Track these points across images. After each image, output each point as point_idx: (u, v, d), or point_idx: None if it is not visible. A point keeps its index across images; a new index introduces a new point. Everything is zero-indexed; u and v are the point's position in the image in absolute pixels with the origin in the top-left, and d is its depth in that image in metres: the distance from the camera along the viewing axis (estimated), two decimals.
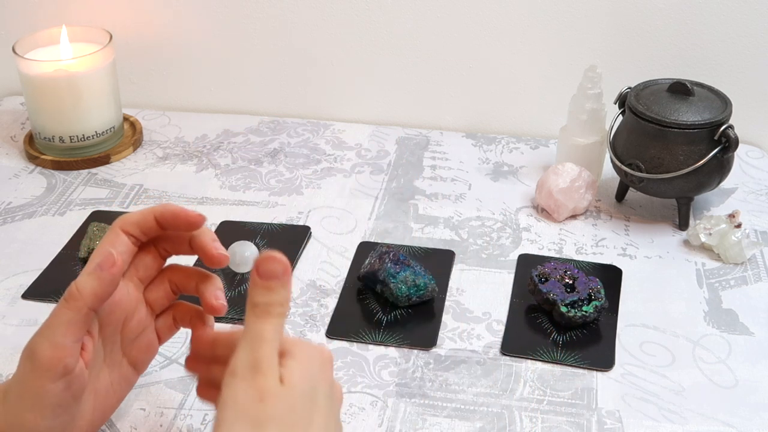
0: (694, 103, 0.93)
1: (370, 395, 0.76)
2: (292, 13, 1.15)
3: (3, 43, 1.18)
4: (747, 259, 0.92)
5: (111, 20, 1.17)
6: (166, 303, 0.68)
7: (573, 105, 1.02)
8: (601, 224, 0.98)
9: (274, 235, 0.96)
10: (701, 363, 0.80)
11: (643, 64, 1.11)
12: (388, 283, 0.84)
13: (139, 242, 0.64)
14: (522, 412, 0.74)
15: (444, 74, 1.17)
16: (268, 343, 0.54)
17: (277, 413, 0.52)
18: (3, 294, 0.87)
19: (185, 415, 0.74)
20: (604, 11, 1.09)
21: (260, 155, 1.11)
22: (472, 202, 1.02)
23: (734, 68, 1.10)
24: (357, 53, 1.17)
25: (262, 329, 0.54)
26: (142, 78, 1.22)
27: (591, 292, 0.82)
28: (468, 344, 0.81)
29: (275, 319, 0.55)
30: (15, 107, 1.22)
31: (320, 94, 1.21)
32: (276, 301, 0.55)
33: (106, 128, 1.10)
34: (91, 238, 0.90)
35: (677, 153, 0.92)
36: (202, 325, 0.67)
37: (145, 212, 0.63)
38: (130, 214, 0.63)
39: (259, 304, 0.55)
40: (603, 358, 0.79)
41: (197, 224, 0.63)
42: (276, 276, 0.55)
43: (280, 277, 0.55)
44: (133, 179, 1.06)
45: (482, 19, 1.12)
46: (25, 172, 1.08)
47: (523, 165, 1.10)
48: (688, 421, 0.74)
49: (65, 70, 1.06)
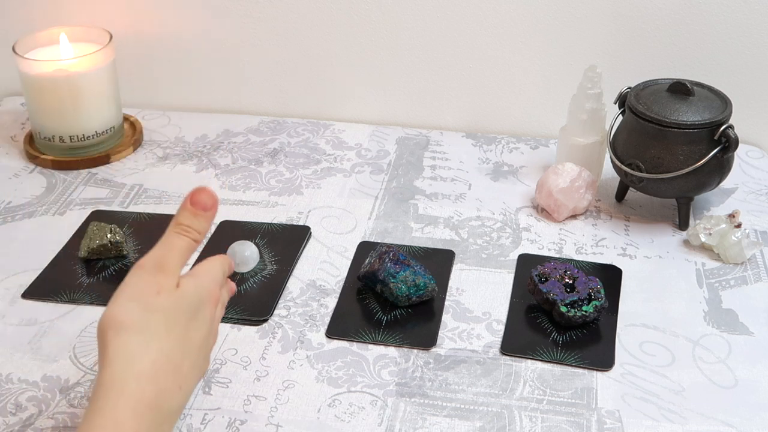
0: (694, 103, 0.93)
1: (370, 395, 0.76)
2: (292, 12, 1.15)
3: (3, 43, 1.18)
4: (747, 259, 0.92)
5: (111, 20, 1.17)
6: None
7: (573, 105, 1.02)
8: (601, 224, 0.98)
9: (274, 235, 0.96)
10: (701, 363, 0.80)
11: (643, 64, 1.11)
12: (388, 282, 0.84)
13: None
14: (522, 411, 0.74)
15: (444, 74, 1.17)
16: (176, 253, 0.64)
17: (165, 307, 0.62)
18: (3, 294, 0.87)
19: (185, 415, 0.74)
20: (604, 11, 1.09)
21: (260, 155, 1.11)
22: (472, 202, 1.02)
23: (734, 68, 1.10)
24: (357, 53, 1.17)
25: (175, 242, 0.64)
26: (142, 78, 1.22)
27: (591, 291, 0.82)
28: (468, 344, 0.81)
29: (189, 241, 0.65)
30: (15, 107, 1.22)
31: (320, 94, 1.21)
32: (196, 227, 0.65)
33: (106, 128, 1.10)
34: (91, 238, 0.90)
35: (677, 153, 0.92)
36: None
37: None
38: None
39: (182, 224, 0.65)
40: (603, 358, 0.79)
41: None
42: (205, 207, 0.65)
43: (207, 210, 0.66)
44: (133, 179, 1.06)
45: (482, 19, 1.12)
46: (25, 172, 1.08)
47: (523, 165, 1.10)
48: (688, 421, 0.74)
49: (65, 70, 1.06)
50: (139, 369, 0.59)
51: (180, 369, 0.62)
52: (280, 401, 0.75)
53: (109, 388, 0.58)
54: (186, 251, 0.65)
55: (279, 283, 0.88)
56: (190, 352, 0.63)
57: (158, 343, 0.61)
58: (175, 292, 0.63)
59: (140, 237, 0.95)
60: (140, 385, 0.59)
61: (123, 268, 0.90)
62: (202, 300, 0.65)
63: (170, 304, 0.62)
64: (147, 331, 0.60)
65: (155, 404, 0.59)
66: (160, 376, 0.60)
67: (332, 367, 0.79)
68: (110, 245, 0.91)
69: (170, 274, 0.63)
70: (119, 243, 0.91)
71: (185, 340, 0.63)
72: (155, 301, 0.61)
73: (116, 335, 0.60)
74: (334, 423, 0.73)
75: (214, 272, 0.68)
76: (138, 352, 0.60)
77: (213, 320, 0.67)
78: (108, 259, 0.92)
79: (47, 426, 0.73)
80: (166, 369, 0.60)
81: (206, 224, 0.66)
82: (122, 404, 0.58)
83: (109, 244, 0.90)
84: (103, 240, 0.90)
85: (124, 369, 0.59)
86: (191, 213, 0.65)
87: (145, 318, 0.61)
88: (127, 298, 0.62)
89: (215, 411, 0.74)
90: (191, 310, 0.64)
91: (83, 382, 0.77)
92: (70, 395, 0.76)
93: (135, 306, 0.61)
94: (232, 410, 0.74)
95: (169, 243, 0.64)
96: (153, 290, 0.62)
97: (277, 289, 0.88)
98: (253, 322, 0.84)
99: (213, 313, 0.66)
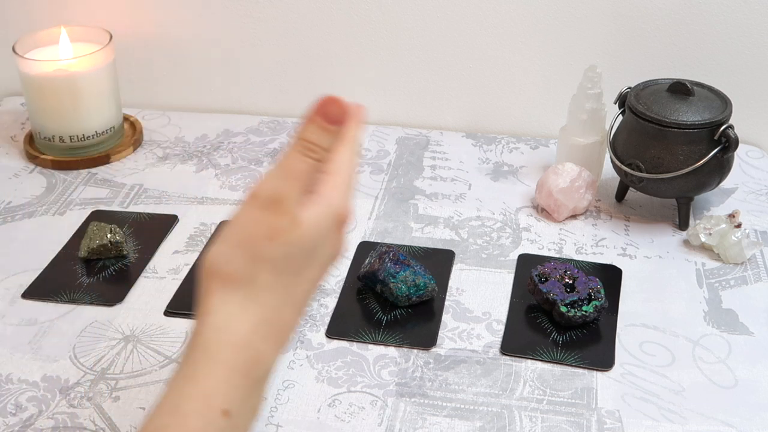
0: (694, 103, 0.93)
1: (370, 395, 0.76)
2: (292, 13, 1.15)
3: (3, 43, 1.18)
4: (747, 259, 0.92)
5: (111, 20, 1.17)
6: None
7: (573, 105, 1.02)
8: (601, 224, 0.98)
9: None
10: (701, 363, 0.80)
11: (643, 64, 1.11)
12: (388, 282, 0.84)
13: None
14: (522, 411, 0.74)
15: (444, 74, 1.17)
16: (296, 180, 0.54)
17: (275, 256, 0.53)
18: (3, 294, 0.87)
19: None
20: (604, 11, 1.09)
21: (260, 155, 1.11)
22: (472, 202, 1.02)
23: (734, 68, 1.10)
24: (357, 53, 1.17)
25: (297, 164, 0.54)
26: (142, 78, 1.22)
27: (591, 291, 0.82)
28: (468, 344, 0.81)
29: (312, 162, 0.54)
30: (15, 107, 1.22)
31: (320, 94, 1.20)
32: (323, 146, 0.55)
33: (106, 128, 1.10)
34: (91, 238, 0.90)
35: (677, 153, 0.92)
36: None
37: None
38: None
39: (305, 139, 0.54)
40: (603, 358, 0.79)
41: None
42: (335, 120, 0.55)
43: (338, 123, 0.55)
44: (133, 179, 1.06)
45: (482, 19, 1.12)
46: (25, 172, 1.08)
47: (523, 165, 1.10)
48: (688, 421, 0.74)
49: (65, 70, 1.06)
50: (237, 334, 0.53)
51: (282, 323, 0.55)
52: (280, 401, 0.75)
53: (201, 353, 0.52)
54: (307, 175, 0.54)
55: None
56: (296, 301, 0.55)
57: (262, 298, 0.53)
58: (291, 235, 0.53)
59: (140, 237, 0.95)
60: (236, 352, 0.52)
61: (123, 268, 0.90)
62: (323, 235, 0.55)
63: (282, 250, 0.53)
64: (251, 285, 0.53)
65: (251, 368, 0.53)
66: (260, 338, 0.53)
67: (332, 367, 0.79)
68: (110, 245, 0.91)
69: (285, 211, 0.53)
70: (119, 243, 0.91)
71: (293, 289, 0.55)
72: (265, 249, 0.53)
73: (218, 288, 0.53)
74: (334, 423, 0.73)
75: (342, 180, 0.56)
76: (237, 312, 0.53)
77: (337, 247, 0.57)
78: (108, 259, 0.92)
79: (47, 426, 0.72)
80: (266, 329, 0.54)
81: (335, 140, 0.55)
82: (215, 373, 0.52)
83: (109, 244, 0.90)
84: (103, 240, 0.90)
85: (220, 335, 0.53)
86: (318, 126, 0.55)
87: (251, 269, 0.53)
88: (235, 241, 0.53)
89: None
90: (307, 253, 0.54)
91: (83, 382, 0.77)
92: (70, 395, 0.76)
93: (242, 254, 0.53)
94: None
95: (288, 166, 0.54)
96: (264, 233, 0.53)
97: None
98: None
99: (338, 240, 0.57)
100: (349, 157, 0.56)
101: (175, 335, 0.82)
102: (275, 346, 0.55)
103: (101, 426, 0.72)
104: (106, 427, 0.72)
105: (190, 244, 0.95)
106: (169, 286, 0.88)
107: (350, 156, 0.56)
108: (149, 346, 0.81)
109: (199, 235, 0.96)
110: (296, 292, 0.55)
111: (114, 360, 0.79)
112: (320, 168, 0.55)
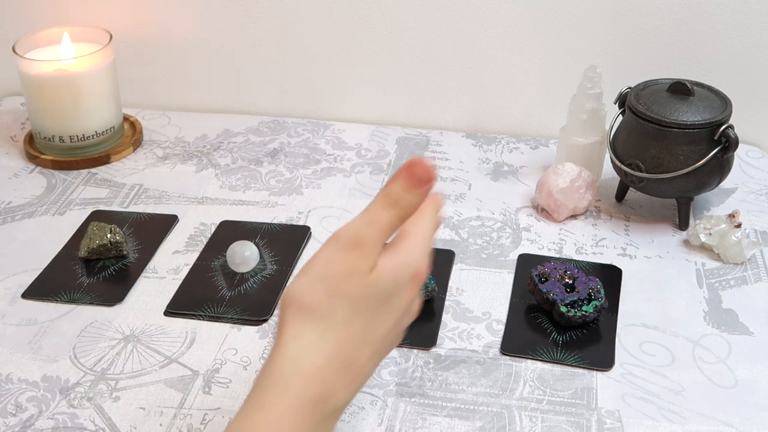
0: (694, 103, 0.93)
1: (370, 395, 0.76)
2: (292, 13, 1.15)
3: (3, 43, 1.18)
4: (747, 259, 0.92)
5: (111, 20, 1.17)
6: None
7: (573, 105, 1.02)
8: (601, 224, 0.98)
9: (274, 235, 0.96)
10: (701, 363, 0.80)
11: (643, 64, 1.11)
12: None
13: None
14: (522, 411, 0.74)
15: (444, 74, 1.17)
16: (379, 229, 0.57)
17: (354, 294, 0.56)
18: (3, 294, 0.88)
19: (185, 415, 0.74)
20: (604, 11, 1.09)
21: (260, 155, 1.11)
22: (472, 202, 1.02)
23: (734, 68, 1.10)
24: (357, 53, 1.17)
25: (381, 215, 0.58)
26: (142, 78, 1.22)
27: (591, 291, 0.82)
28: (468, 344, 0.81)
29: (396, 216, 0.58)
30: (15, 107, 1.22)
31: (320, 94, 1.21)
32: (407, 202, 0.58)
33: (106, 128, 1.10)
34: (91, 238, 0.90)
35: (677, 153, 0.92)
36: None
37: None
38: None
39: (392, 194, 0.58)
40: (603, 358, 0.79)
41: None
42: (421, 181, 0.58)
43: (424, 184, 0.58)
44: (133, 179, 1.06)
45: (482, 19, 1.12)
46: (25, 172, 1.08)
47: (523, 165, 1.10)
48: (688, 421, 0.74)
49: (65, 70, 1.06)
50: (310, 365, 0.54)
51: (356, 363, 0.57)
52: None
53: (274, 381, 0.54)
54: (390, 228, 0.58)
55: (279, 283, 0.88)
56: (371, 343, 0.57)
57: (337, 333, 0.55)
58: (369, 277, 0.56)
59: (140, 237, 0.95)
60: (307, 383, 0.54)
61: (123, 269, 0.90)
62: (399, 284, 0.58)
63: (360, 290, 0.56)
64: (329, 318, 0.55)
65: (321, 402, 0.55)
66: (332, 372, 0.55)
67: None
68: (110, 245, 0.91)
69: (367, 254, 0.56)
70: (119, 243, 0.91)
71: (369, 331, 0.57)
72: (344, 286, 0.56)
73: (295, 317, 0.55)
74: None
75: (422, 240, 0.60)
76: (312, 344, 0.55)
77: (411, 301, 0.60)
78: (108, 259, 0.92)
79: (47, 427, 0.72)
80: (339, 364, 0.56)
81: (419, 200, 0.59)
82: (284, 402, 0.54)
83: (109, 244, 0.90)
84: (103, 240, 0.90)
85: (293, 364, 0.54)
86: (405, 186, 0.58)
87: (329, 303, 0.56)
88: (316, 276, 0.56)
89: (215, 411, 0.74)
90: (383, 297, 0.57)
91: (83, 382, 0.77)
92: (70, 395, 0.76)
93: (322, 288, 0.56)
94: (233, 410, 0.74)
95: (372, 216, 0.58)
96: (344, 271, 0.56)
97: (277, 289, 0.87)
98: (253, 322, 0.84)
99: (412, 294, 0.60)
100: (429, 225, 0.60)
101: (175, 335, 0.82)
102: (347, 385, 0.56)
103: (101, 426, 0.72)
104: (106, 428, 0.72)
105: (190, 244, 0.95)
106: (169, 286, 0.88)
107: (430, 224, 0.61)
108: (149, 346, 0.81)
109: (199, 235, 0.96)
110: (372, 334, 0.57)
111: (114, 360, 0.79)
112: (401, 225, 0.59)
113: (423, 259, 0.59)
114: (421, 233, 0.60)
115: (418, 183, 0.58)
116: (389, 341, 0.60)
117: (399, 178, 0.58)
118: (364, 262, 0.56)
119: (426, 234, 0.60)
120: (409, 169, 0.58)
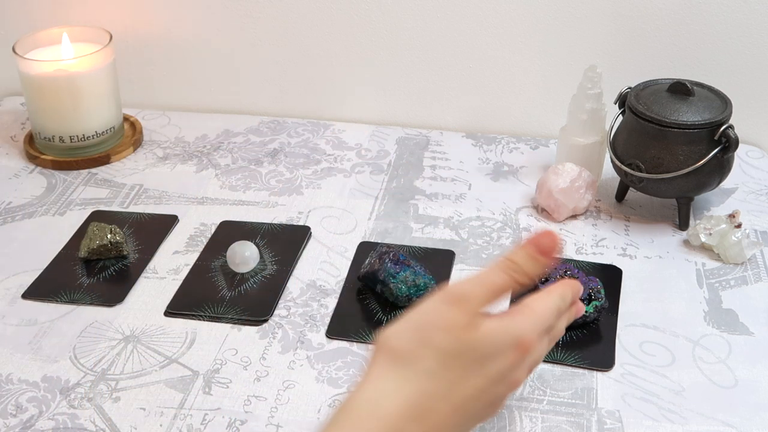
0: (694, 103, 0.93)
1: None
2: (292, 13, 1.15)
3: (3, 43, 1.18)
4: (747, 259, 0.92)
5: (111, 20, 1.17)
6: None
7: (573, 105, 1.02)
8: (601, 224, 0.98)
9: (274, 235, 0.96)
10: (701, 363, 0.80)
11: (643, 64, 1.11)
12: (388, 283, 0.84)
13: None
14: (522, 412, 0.74)
15: (444, 74, 1.17)
16: (487, 288, 0.57)
17: (444, 347, 0.55)
18: (3, 294, 0.88)
19: (185, 415, 0.74)
20: (604, 11, 1.09)
21: (260, 155, 1.11)
22: (472, 202, 1.02)
23: (734, 68, 1.10)
24: (357, 53, 1.17)
25: (494, 277, 0.58)
26: (142, 78, 1.22)
27: (591, 292, 0.82)
28: None
29: (511, 281, 0.58)
30: (15, 107, 1.22)
31: (320, 94, 1.21)
32: (525, 269, 0.58)
33: (106, 128, 1.10)
34: (91, 238, 0.90)
35: (677, 153, 0.92)
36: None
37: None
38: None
39: (512, 262, 0.58)
40: (603, 358, 0.79)
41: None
42: (545, 252, 0.59)
43: (547, 255, 0.59)
44: (133, 179, 1.06)
45: (482, 19, 1.12)
46: (25, 172, 1.08)
47: (523, 165, 1.10)
48: (688, 421, 0.74)
49: (65, 70, 1.06)
50: (385, 409, 0.54)
51: (433, 416, 0.55)
52: (280, 401, 0.75)
53: (348, 418, 0.54)
54: (499, 290, 0.58)
55: (279, 284, 0.88)
56: (455, 401, 0.56)
57: (420, 382, 0.55)
58: (465, 334, 0.55)
59: (140, 237, 0.95)
60: (379, 427, 0.54)
61: (123, 269, 0.90)
62: (498, 349, 0.57)
63: (453, 345, 0.55)
64: (414, 366, 0.55)
65: None
66: (407, 421, 0.54)
67: (332, 368, 0.79)
68: (110, 245, 0.91)
69: (468, 311, 0.56)
70: (119, 243, 0.91)
71: (455, 388, 0.56)
72: (437, 337, 0.55)
73: (382, 359, 0.56)
74: None
75: (539, 315, 0.60)
76: (393, 388, 0.55)
77: (510, 370, 0.58)
78: (108, 260, 0.92)
79: (47, 427, 0.72)
80: (415, 413, 0.54)
81: (539, 270, 0.59)
82: None
83: (109, 244, 0.90)
84: (103, 240, 0.90)
85: (369, 405, 0.54)
86: (529, 254, 0.59)
87: (418, 351, 0.55)
88: (413, 323, 0.56)
89: (215, 411, 0.74)
90: (477, 357, 0.56)
91: (83, 382, 0.77)
92: (71, 396, 0.76)
93: (415, 335, 0.56)
94: (233, 410, 0.74)
95: (485, 276, 0.58)
96: (441, 323, 0.56)
97: (277, 290, 0.88)
98: (253, 322, 0.84)
99: (512, 363, 0.57)
100: (551, 303, 0.60)
101: (175, 336, 0.82)
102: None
103: (101, 427, 0.73)
104: (106, 428, 0.72)
105: (190, 245, 0.95)
106: (169, 287, 0.88)
107: (553, 303, 0.61)
108: (149, 347, 0.81)
109: (199, 236, 0.96)
110: (458, 392, 0.56)
111: (114, 360, 0.79)
112: (513, 291, 0.58)
113: (531, 332, 0.58)
114: (540, 308, 0.60)
115: (543, 253, 0.59)
116: (480, 405, 0.58)
117: (525, 247, 0.59)
118: (462, 317, 0.56)
119: (545, 310, 0.60)
120: (537, 239, 0.59)
